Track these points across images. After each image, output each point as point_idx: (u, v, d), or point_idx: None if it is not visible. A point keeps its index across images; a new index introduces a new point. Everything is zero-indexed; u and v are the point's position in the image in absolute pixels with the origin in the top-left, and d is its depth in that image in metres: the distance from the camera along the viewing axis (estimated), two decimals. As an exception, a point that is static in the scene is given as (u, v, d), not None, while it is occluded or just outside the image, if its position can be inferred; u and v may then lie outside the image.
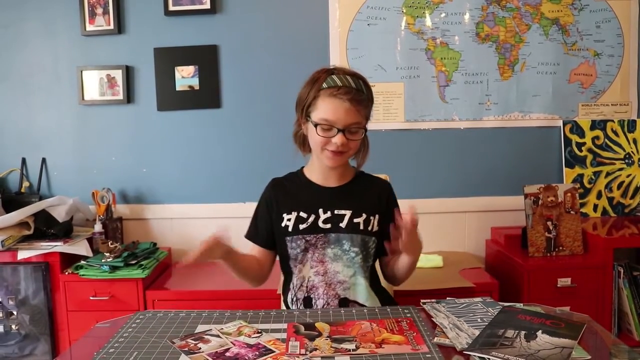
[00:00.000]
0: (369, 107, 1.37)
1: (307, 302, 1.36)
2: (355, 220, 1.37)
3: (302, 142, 1.45)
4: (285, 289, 1.44)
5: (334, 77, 1.32)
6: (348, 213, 1.37)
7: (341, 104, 1.30)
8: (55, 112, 2.40)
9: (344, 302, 1.35)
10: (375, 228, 1.39)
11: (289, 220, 1.38)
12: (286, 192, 1.44)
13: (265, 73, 2.36)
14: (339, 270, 1.36)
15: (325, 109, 1.31)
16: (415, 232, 1.24)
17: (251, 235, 1.47)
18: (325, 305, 1.34)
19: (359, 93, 1.32)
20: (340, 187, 1.42)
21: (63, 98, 2.39)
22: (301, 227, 1.37)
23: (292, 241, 1.37)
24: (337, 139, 1.30)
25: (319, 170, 1.43)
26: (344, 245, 1.37)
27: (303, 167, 1.49)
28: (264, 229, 1.44)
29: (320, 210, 1.38)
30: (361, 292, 1.36)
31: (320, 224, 1.37)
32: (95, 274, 1.99)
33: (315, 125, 1.32)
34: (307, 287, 1.37)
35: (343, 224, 1.37)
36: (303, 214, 1.38)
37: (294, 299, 1.38)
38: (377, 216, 1.39)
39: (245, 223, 1.43)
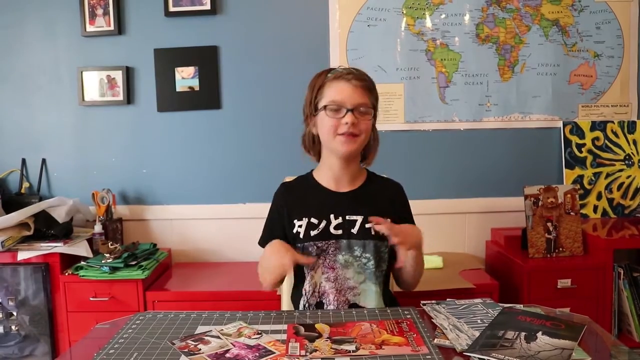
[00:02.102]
0: (374, 94, 1.38)
1: (319, 307, 1.36)
2: (367, 225, 1.36)
3: (312, 144, 1.44)
4: (297, 294, 1.43)
5: (336, 68, 1.38)
6: (360, 219, 1.37)
7: (348, 84, 1.33)
8: (56, 113, 2.40)
9: (354, 308, 1.34)
10: None
11: (300, 226, 1.37)
12: (297, 197, 1.43)
13: (265, 74, 2.36)
14: (350, 276, 1.35)
15: (333, 91, 1.34)
16: (397, 229, 1.26)
17: (265, 242, 1.43)
18: None
19: (363, 77, 1.36)
20: (351, 191, 1.41)
21: (63, 99, 2.39)
22: (312, 233, 1.36)
23: (303, 247, 1.36)
24: (347, 118, 1.31)
25: (329, 174, 1.42)
26: (355, 251, 1.36)
27: (312, 170, 1.48)
28: (277, 236, 1.41)
29: (332, 216, 1.37)
30: (371, 298, 1.36)
31: (332, 230, 1.36)
32: (95, 275, 1.99)
33: (325, 108, 1.33)
34: (319, 292, 1.36)
35: (355, 230, 1.36)
36: (314, 220, 1.37)
37: (307, 304, 1.38)
38: (389, 221, 1.37)
39: (245, 224, 1.44)
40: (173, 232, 2.42)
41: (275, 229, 1.43)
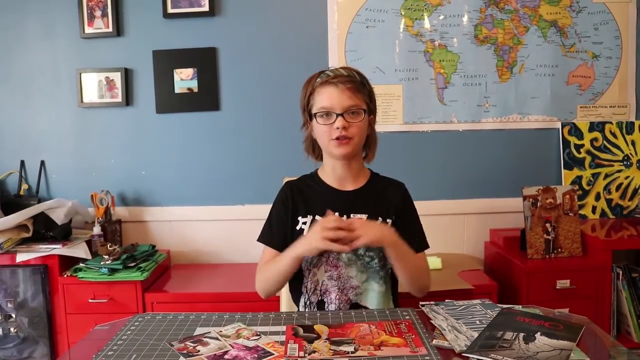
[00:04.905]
0: (365, 92, 1.38)
1: (320, 306, 1.36)
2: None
3: (312, 148, 1.45)
4: (297, 292, 1.42)
5: (325, 72, 1.39)
6: (364, 217, 1.37)
7: (334, 89, 1.33)
8: (54, 115, 2.40)
9: (355, 308, 1.35)
10: None
11: (304, 223, 1.39)
12: (302, 195, 1.44)
13: (264, 75, 2.36)
14: (353, 275, 1.36)
15: (322, 97, 1.35)
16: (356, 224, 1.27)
17: (266, 239, 1.45)
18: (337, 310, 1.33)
19: (351, 78, 1.36)
20: (355, 190, 1.43)
21: (62, 100, 2.39)
22: None
23: None
24: (338, 123, 1.32)
25: (333, 173, 1.43)
26: (359, 250, 1.36)
27: (317, 169, 1.50)
28: (280, 232, 1.43)
29: (336, 214, 1.37)
30: (372, 297, 1.36)
31: None
32: (94, 277, 1.99)
33: (315, 115, 1.35)
34: (320, 290, 1.36)
35: None
36: (319, 218, 1.37)
37: (307, 302, 1.38)
38: (393, 219, 1.39)
39: (244, 225, 1.44)
40: (172, 234, 2.42)
41: (277, 226, 1.44)
